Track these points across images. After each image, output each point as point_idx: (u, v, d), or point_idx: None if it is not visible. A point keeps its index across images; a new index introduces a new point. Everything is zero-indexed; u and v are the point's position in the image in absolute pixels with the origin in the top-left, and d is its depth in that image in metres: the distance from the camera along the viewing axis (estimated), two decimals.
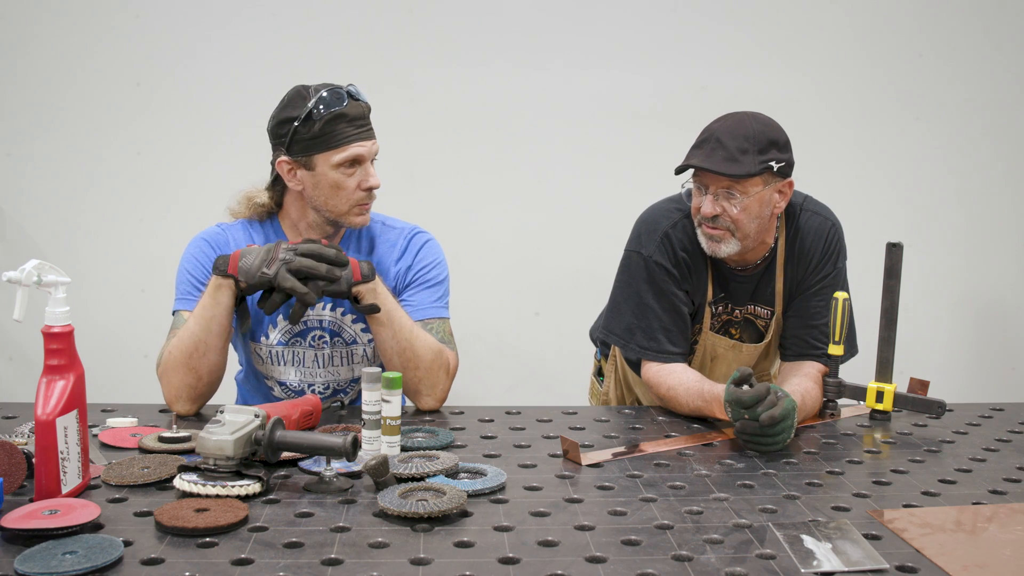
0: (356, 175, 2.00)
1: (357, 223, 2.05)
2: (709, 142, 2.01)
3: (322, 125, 1.95)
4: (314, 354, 2.12)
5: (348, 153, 1.97)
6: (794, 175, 2.06)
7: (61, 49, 3.22)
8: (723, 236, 2.04)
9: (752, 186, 1.99)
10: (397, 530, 1.40)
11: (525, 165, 3.38)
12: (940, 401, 2.02)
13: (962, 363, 3.62)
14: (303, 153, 1.98)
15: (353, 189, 2.00)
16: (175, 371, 1.94)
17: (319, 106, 1.94)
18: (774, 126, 2.03)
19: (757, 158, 1.97)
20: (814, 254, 2.14)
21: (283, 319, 2.09)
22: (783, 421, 1.77)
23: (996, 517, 1.52)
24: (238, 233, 2.11)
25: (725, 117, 2.05)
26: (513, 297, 3.43)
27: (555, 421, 2.00)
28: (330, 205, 2.02)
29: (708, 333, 2.19)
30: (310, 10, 3.25)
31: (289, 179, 2.03)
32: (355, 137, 1.98)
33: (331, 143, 1.96)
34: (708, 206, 2.01)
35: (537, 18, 3.33)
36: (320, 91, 1.96)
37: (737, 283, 2.17)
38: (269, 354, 2.12)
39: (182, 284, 2.07)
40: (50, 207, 3.30)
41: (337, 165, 1.98)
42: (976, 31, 3.46)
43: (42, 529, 1.31)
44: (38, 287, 1.48)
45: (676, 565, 1.31)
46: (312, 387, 2.14)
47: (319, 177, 1.99)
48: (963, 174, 3.53)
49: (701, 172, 2.02)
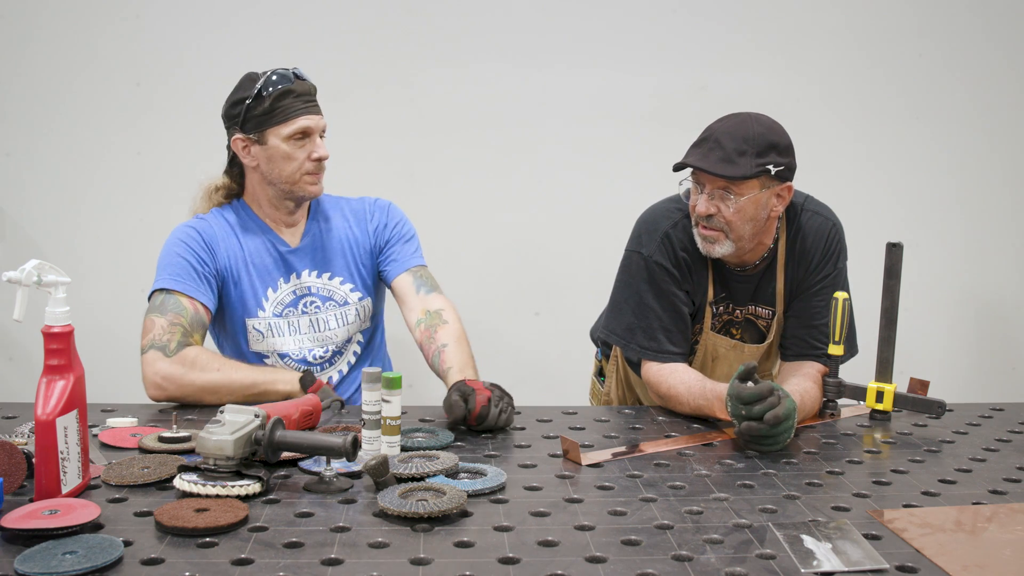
0: (305, 147, 2.15)
1: (311, 192, 2.19)
2: (708, 141, 2.01)
3: (271, 101, 2.10)
4: (308, 320, 2.22)
5: (297, 125, 2.12)
6: (795, 174, 2.06)
7: (61, 49, 3.22)
8: (717, 237, 2.04)
9: (747, 188, 1.99)
10: (397, 530, 1.40)
11: (525, 165, 3.38)
12: (940, 401, 2.02)
13: (962, 363, 3.62)
14: (255, 129, 2.13)
15: (303, 160, 2.15)
16: (177, 387, 1.99)
17: (268, 85, 2.10)
18: (777, 129, 2.02)
19: (754, 160, 1.97)
20: (815, 254, 2.14)
21: (272, 291, 2.21)
22: (785, 421, 1.77)
23: (996, 517, 1.52)
24: (216, 220, 2.22)
25: (728, 117, 2.04)
26: (513, 297, 3.43)
27: (555, 421, 2.00)
28: (283, 176, 2.16)
29: (709, 333, 2.19)
30: (310, 10, 3.25)
31: (244, 156, 2.18)
32: (303, 111, 2.13)
33: (280, 117, 2.11)
34: (703, 205, 2.01)
35: (537, 18, 3.33)
36: (267, 73, 2.12)
37: (737, 283, 2.17)
38: (268, 327, 2.19)
39: (172, 266, 2.12)
40: (50, 207, 3.30)
41: (287, 138, 2.12)
42: (976, 31, 3.46)
43: (42, 529, 1.31)
44: (38, 287, 1.48)
45: (676, 565, 1.31)
46: (312, 352, 2.22)
47: (271, 150, 2.14)
48: (963, 174, 3.53)
49: (697, 171, 2.02)
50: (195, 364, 2.00)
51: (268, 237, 2.21)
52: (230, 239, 2.19)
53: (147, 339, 2.03)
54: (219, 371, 2.00)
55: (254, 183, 2.22)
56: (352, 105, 3.24)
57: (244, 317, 2.19)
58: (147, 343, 2.02)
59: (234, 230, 2.21)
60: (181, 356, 2.00)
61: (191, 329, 2.06)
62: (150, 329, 2.03)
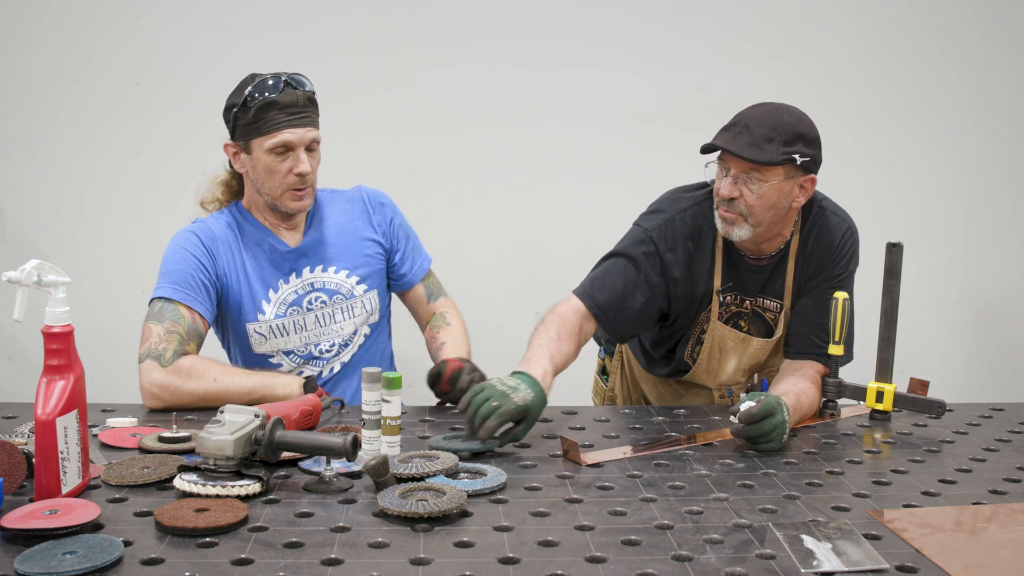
0: (288, 161, 2.10)
1: (292, 208, 2.16)
2: (737, 126, 2.01)
3: (255, 112, 2.07)
4: (315, 316, 2.21)
5: (278, 139, 2.08)
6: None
7: (61, 49, 3.22)
8: (736, 219, 2.03)
9: (772, 175, 1.99)
10: (397, 530, 1.40)
11: (525, 165, 3.38)
12: (940, 401, 2.02)
13: (962, 363, 3.62)
14: (242, 138, 2.11)
15: (284, 173, 2.11)
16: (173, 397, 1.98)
17: (254, 93, 2.07)
18: (806, 121, 2.03)
19: (781, 148, 1.97)
20: (827, 252, 2.13)
21: (273, 292, 2.19)
22: (769, 418, 1.77)
23: (996, 517, 1.52)
24: (216, 222, 2.20)
25: (758, 105, 2.05)
26: (513, 297, 3.43)
27: (555, 421, 2.00)
28: (266, 188, 2.14)
29: (716, 324, 2.18)
30: (310, 10, 3.25)
31: (235, 161, 2.17)
32: (286, 124, 2.08)
33: (263, 129, 2.08)
34: (727, 188, 2.01)
35: (537, 18, 3.33)
36: (260, 79, 2.09)
37: (749, 273, 2.16)
38: (270, 329, 2.18)
39: (172, 274, 2.10)
40: (50, 207, 3.30)
41: (269, 151, 2.09)
42: (976, 31, 3.46)
43: (42, 529, 1.31)
44: (38, 287, 1.48)
45: (676, 565, 1.31)
46: (318, 346, 2.21)
47: (255, 161, 2.12)
48: (963, 174, 3.53)
49: (724, 154, 2.02)
50: (191, 374, 1.98)
51: (267, 239, 2.19)
52: (230, 243, 2.17)
53: (144, 348, 2.01)
54: (215, 381, 1.98)
55: (250, 189, 2.20)
56: (352, 105, 3.24)
57: (246, 321, 2.17)
58: (143, 352, 2.01)
59: (234, 234, 2.19)
60: (176, 366, 1.98)
61: (188, 338, 2.04)
62: (147, 337, 2.02)
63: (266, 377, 2.03)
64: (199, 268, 2.11)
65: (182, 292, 2.07)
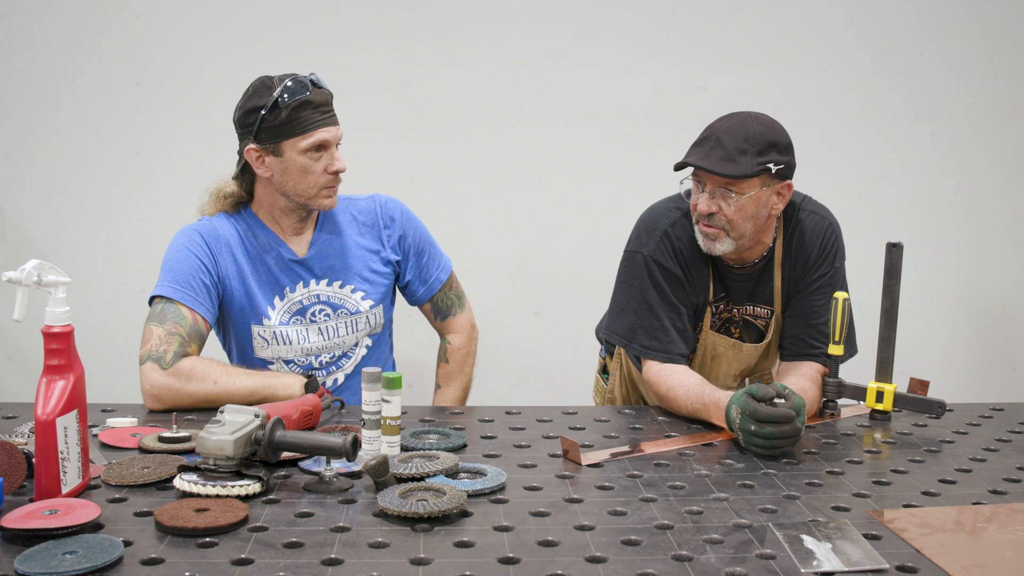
0: (323, 160, 2.09)
1: (325, 205, 2.15)
2: (709, 140, 2.01)
3: (288, 112, 2.03)
4: (318, 328, 2.19)
5: (315, 139, 2.06)
6: (795, 175, 2.06)
7: (61, 49, 3.22)
8: (718, 235, 2.04)
9: (748, 187, 1.99)
10: (397, 530, 1.40)
11: (525, 165, 3.38)
12: (940, 401, 2.02)
13: (962, 363, 3.62)
14: (271, 140, 2.06)
15: (320, 173, 2.10)
16: (174, 399, 1.97)
17: (284, 95, 2.03)
18: (777, 128, 2.03)
19: (755, 159, 1.97)
20: (811, 253, 2.14)
21: (279, 299, 2.17)
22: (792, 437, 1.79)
23: (996, 517, 1.52)
24: (222, 223, 2.17)
25: (728, 116, 2.05)
26: (513, 297, 3.43)
27: (555, 421, 2.00)
28: (299, 189, 2.10)
29: (708, 332, 2.19)
30: (310, 10, 3.26)
31: (258, 166, 2.11)
32: (320, 123, 2.07)
33: (297, 129, 2.05)
34: (704, 204, 2.02)
35: (537, 18, 3.33)
36: (285, 80, 2.05)
37: (736, 282, 2.17)
38: (273, 335, 2.17)
39: (174, 272, 2.08)
40: (50, 207, 3.30)
41: (304, 151, 2.06)
42: (976, 31, 3.46)
43: (42, 529, 1.31)
44: (38, 287, 1.48)
45: (676, 565, 1.31)
46: (318, 358, 2.20)
47: (287, 163, 2.08)
48: (963, 174, 3.53)
49: (699, 170, 2.02)
50: (192, 376, 1.97)
51: (275, 246, 2.16)
52: (235, 245, 2.15)
53: (144, 349, 2.00)
54: (216, 383, 1.97)
55: (267, 194, 2.15)
56: (352, 105, 3.22)
57: (250, 323, 2.15)
58: (144, 354, 1.99)
59: (240, 236, 2.16)
60: (177, 368, 1.97)
61: (189, 339, 2.02)
62: (148, 339, 2.01)
63: (267, 378, 2.02)
64: (201, 268, 2.09)
65: (184, 292, 2.06)
